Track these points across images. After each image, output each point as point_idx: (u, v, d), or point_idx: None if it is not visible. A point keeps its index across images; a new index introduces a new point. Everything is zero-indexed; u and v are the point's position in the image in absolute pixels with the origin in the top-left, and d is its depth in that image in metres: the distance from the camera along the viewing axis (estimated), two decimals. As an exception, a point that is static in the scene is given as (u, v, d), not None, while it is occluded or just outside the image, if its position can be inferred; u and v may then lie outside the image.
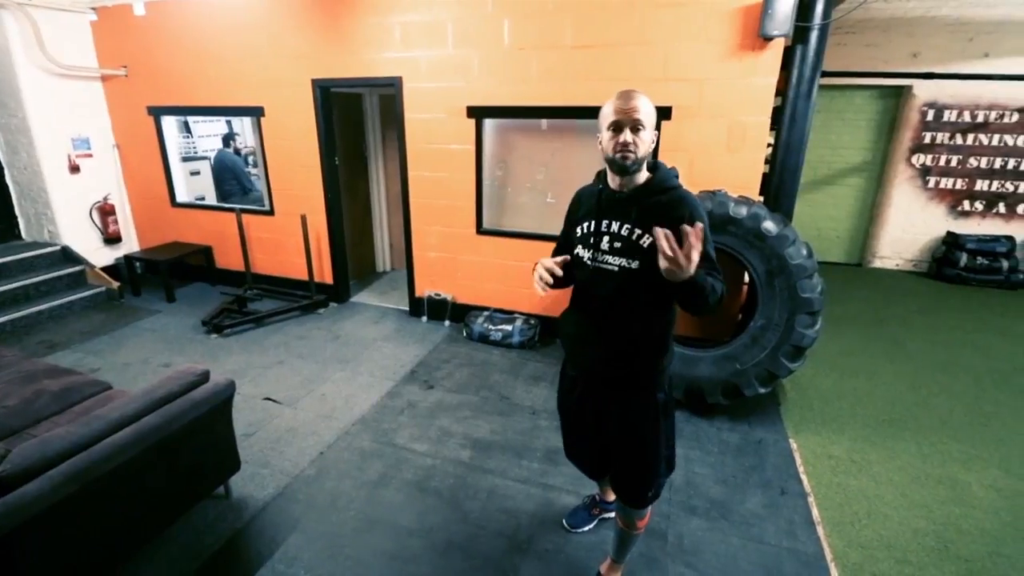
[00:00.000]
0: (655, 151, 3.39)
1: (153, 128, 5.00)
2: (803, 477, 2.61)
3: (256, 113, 4.52)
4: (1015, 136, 5.56)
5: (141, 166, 5.21)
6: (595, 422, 1.69)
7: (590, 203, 1.59)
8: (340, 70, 4.08)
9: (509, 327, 3.96)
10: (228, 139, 5.99)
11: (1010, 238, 5.70)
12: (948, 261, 5.83)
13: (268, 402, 3.17)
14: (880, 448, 2.85)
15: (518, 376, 3.55)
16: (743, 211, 2.83)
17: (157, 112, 4.92)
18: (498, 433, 2.90)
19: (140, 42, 4.71)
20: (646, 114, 1.42)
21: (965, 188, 5.86)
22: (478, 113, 3.80)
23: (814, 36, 2.97)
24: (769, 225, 2.80)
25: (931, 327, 4.54)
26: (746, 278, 3.40)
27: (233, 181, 5.68)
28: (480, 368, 3.65)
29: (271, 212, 4.79)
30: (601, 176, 1.59)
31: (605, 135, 1.45)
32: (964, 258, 5.70)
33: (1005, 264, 5.62)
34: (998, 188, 5.76)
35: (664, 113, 3.34)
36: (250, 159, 6.66)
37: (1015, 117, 5.51)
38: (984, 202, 5.84)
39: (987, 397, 3.39)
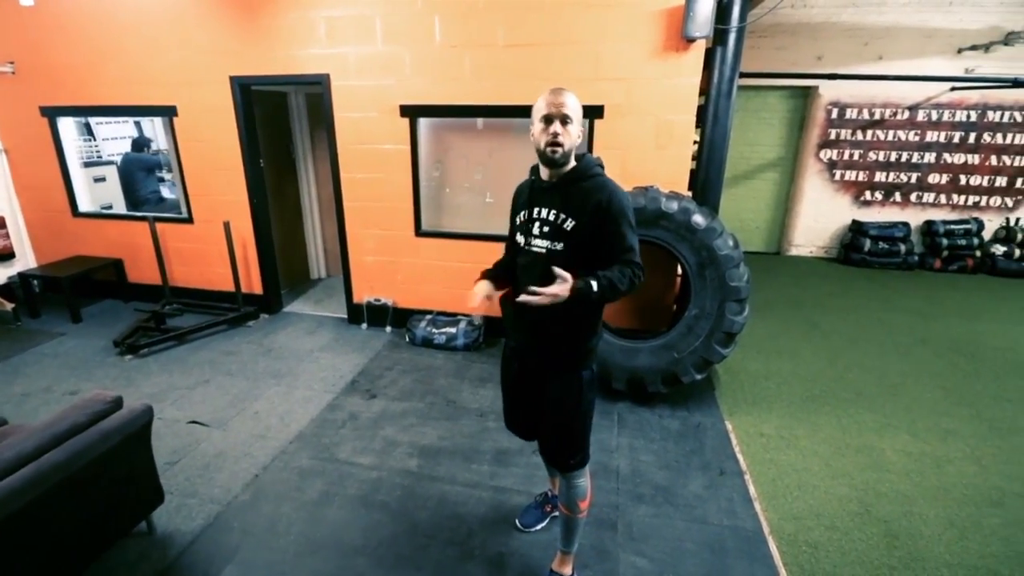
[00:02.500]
0: (590, 146, 3.46)
1: (48, 130, 4.51)
2: (739, 456, 2.74)
3: (168, 113, 4.19)
4: (907, 132, 6.16)
5: (35, 173, 4.69)
6: (529, 393, 1.83)
7: (526, 194, 1.72)
8: (261, 67, 3.85)
9: (453, 329, 3.91)
10: (140, 148, 5.49)
11: (906, 224, 6.31)
12: (854, 247, 6.38)
13: (194, 425, 2.94)
14: (805, 423, 3.06)
15: (464, 379, 3.50)
16: (674, 206, 2.94)
17: (52, 113, 4.45)
18: (446, 439, 2.84)
19: (30, 35, 4.23)
20: (573, 109, 1.54)
21: (866, 180, 6.42)
22: (412, 112, 3.71)
23: (732, 38, 3.13)
24: (698, 218, 2.93)
25: (842, 308, 4.93)
26: (679, 270, 3.54)
27: (148, 178, 5.21)
28: (425, 373, 3.57)
29: (189, 220, 4.45)
30: (534, 169, 1.71)
31: (537, 127, 1.57)
32: (868, 243, 6.25)
33: (902, 248, 6.22)
34: (894, 179, 6.36)
35: (597, 112, 3.41)
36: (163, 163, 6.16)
37: (906, 114, 6.10)
38: (883, 192, 6.43)
39: (893, 369, 3.72)
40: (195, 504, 2.34)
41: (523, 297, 1.49)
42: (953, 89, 5.90)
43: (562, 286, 1.48)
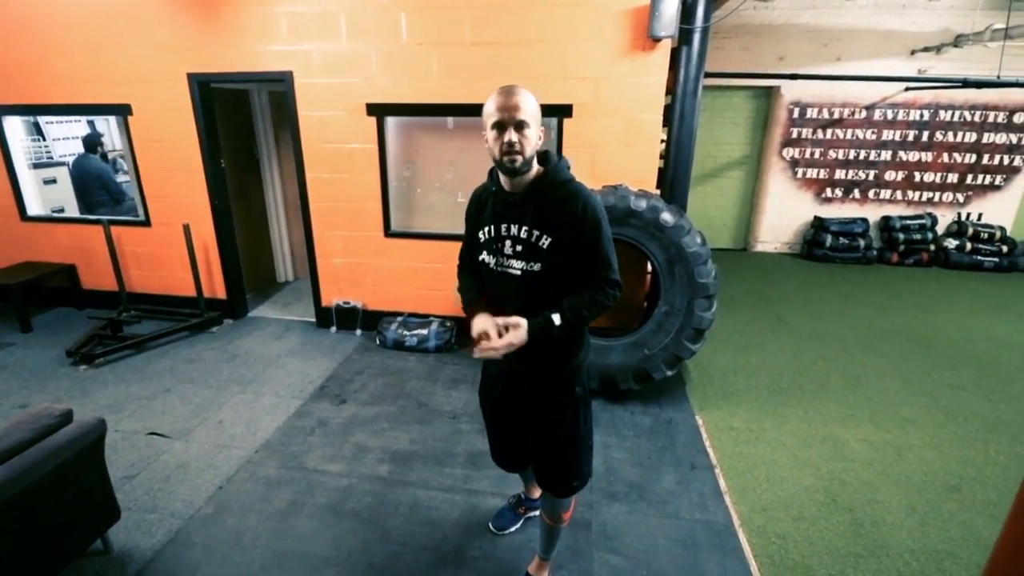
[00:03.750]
0: (559, 145, 3.46)
1: (-11, 130, 4.27)
2: (709, 451, 2.78)
3: (122, 112, 4.01)
4: (864, 130, 6.37)
5: (-24, 175, 4.43)
6: (516, 418, 1.70)
7: (488, 207, 1.53)
8: (220, 64, 3.72)
9: (425, 331, 3.86)
10: (93, 144, 5.22)
11: (864, 220, 6.53)
12: (816, 242, 6.57)
13: (153, 437, 2.82)
14: (772, 416, 3.12)
15: (436, 381, 3.46)
16: (643, 204, 2.96)
17: (-6, 112, 4.21)
18: (418, 442, 2.80)
19: (-36, 29, 3.99)
20: (528, 111, 1.34)
21: (827, 177, 6.62)
22: (378, 111, 3.65)
23: (696, 38, 3.17)
24: (667, 216, 2.96)
25: (806, 302, 5.07)
26: (649, 267, 3.57)
27: (102, 191, 4.99)
28: (396, 376, 3.51)
29: (147, 223, 4.28)
30: (494, 177, 1.51)
31: (490, 134, 1.37)
32: (829, 239, 6.45)
33: (861, 243, 6.44)
34: (853, 176, 6.57)
35: (565, 111, 3.41)
36: (119, 163, 5.90)
37: (863, 113, 6.31)
38: (843, 189, 6.64)
39: (855, 360, 3.84)
40: (155, 519, 2.24)
41: (478, 354, 1.38)
42: (907, 89, 6.13)
43: (516, 333, 1.35)
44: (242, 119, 4.70)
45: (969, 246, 6.29)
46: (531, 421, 1.66)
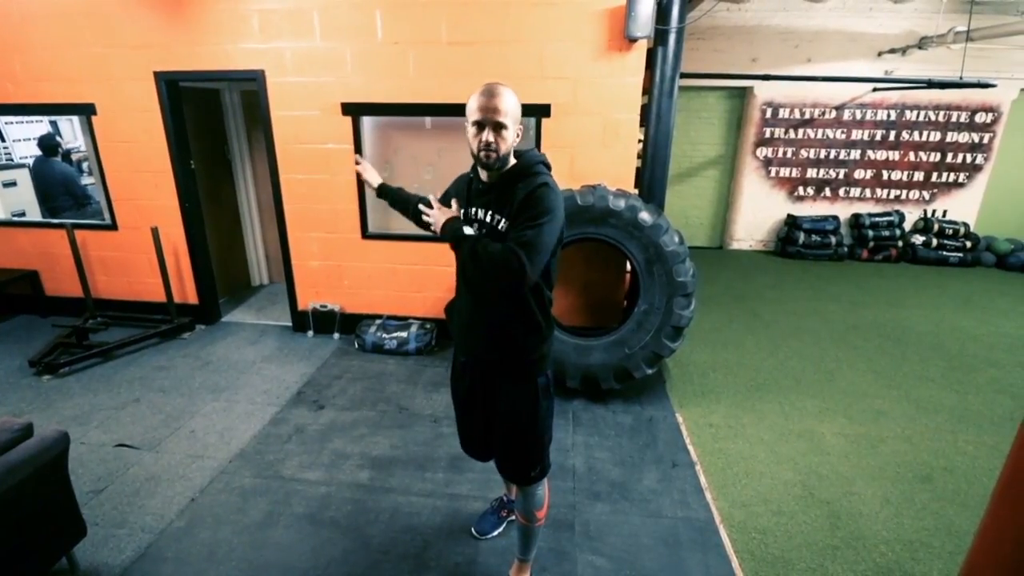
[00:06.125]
0: (537, 145, 3.45)
1: (-59, 130, 4.07)
2: (690, 448, 2.80)
3: (85, 112, 3.86)
4: (834, 130, 6.53)
5: (-73, 177, 4.22)
6: (483, 406, 1.73)
7: (464, 192, 1.64)
8: (189, 62, 3.62)
9: (404, 334, 3.81)
10: (51, 147, 4.99)
11: (835, 217, 6.69)
12: (789, 240, 6.70)
13: (122, 448, 2.72)
14: (750, 412, 3.17)
15: (417, 384, 3.42)
16: (621, 203, 2.97)
17: (-55, 111, 4.02)
18: (398, 447, 2.76)
19: (-89, 24, 3.79)
20: (508, 113, 1.42)
21: (799, 176, 6.76)
22: (354, 110, 3.59)
23: (672, 38, 3.19)
24: (645, 216, 2.97)
25: (780, 299, 5.16)
26: (628, 267, 3.59)
27: (66, 196, 4.79)
28: (375, 380, 3.46)
29: (113, 226, 4.13)
30: (474, 165, 1.61)
31: (470, 130, 1.47)
32: (802, 236, 6.59)
33: (833, 240, 6.59)
34: (824, 175, 6.73)
35: (544, 111, 3.40)
36: (84, 165, 5.69)
37: (833, 113, 6.46)
38: (814, 188, 6.79)
39: (829, 355, 3.92)
40: (124, 535, 2.16)
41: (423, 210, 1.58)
42: (875, 90, 6.30)
43: (444, 212, 1.52)
44: (213, 119, 4.58)
45: (935, 242, 6.49)
46: (497, 408, 1.69)
